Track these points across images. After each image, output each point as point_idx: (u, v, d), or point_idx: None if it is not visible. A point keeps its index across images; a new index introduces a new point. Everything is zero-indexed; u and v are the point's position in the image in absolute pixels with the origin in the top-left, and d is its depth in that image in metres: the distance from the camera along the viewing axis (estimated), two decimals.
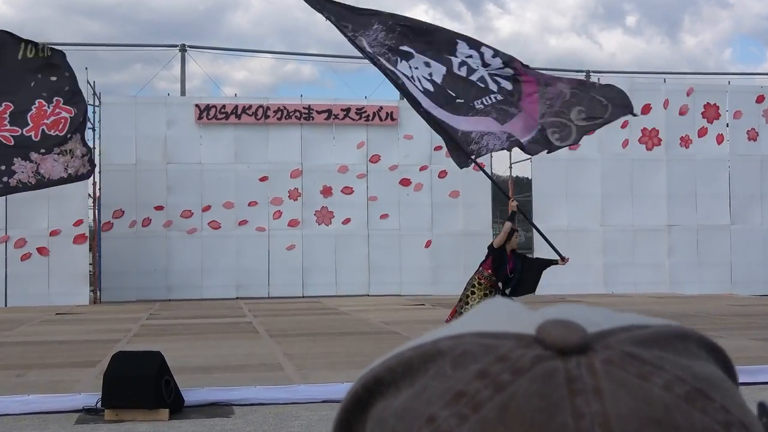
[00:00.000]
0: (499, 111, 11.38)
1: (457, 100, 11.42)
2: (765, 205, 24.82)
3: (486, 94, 11.39)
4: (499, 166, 28.53)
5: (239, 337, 12.49)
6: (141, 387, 6.73)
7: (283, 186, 23.43)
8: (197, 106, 23.33)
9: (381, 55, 11.16)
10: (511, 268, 11.11)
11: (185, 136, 23.19)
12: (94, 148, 22.79)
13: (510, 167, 25.53)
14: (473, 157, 11.39)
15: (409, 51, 11.33)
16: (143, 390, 6.73)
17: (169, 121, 23.13)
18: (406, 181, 23.91)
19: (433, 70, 11.35)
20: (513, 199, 12.15)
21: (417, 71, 11.28)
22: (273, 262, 23.30)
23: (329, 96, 25.99)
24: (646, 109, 23.75)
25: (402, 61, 11.27)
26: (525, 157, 19.79)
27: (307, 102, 23.90)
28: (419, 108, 11.34)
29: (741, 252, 24.33)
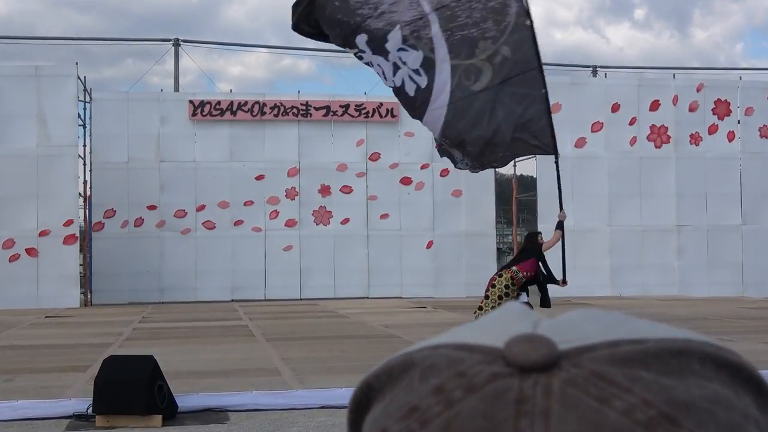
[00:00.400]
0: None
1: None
2: None
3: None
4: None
5: (235, 340, 12.44)
6: (133, 392, 6.72)
7: (280, 185, 23.08)
8: (191, 102, 23.07)
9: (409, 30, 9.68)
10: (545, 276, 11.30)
11: (179, 133, 22.92)
12: (84, 146, 22.32)
13: (514, 165, 24.98)
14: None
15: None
16: (135, 395, 6.72)
17: (162, 118, 22.83)
18: (406, 180, 23.57)
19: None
20: (563, 210, 12.08)
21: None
22: (269, 264, 22.99)
23: (327, 92, 25.63)
24: (655, 105, 23.66)
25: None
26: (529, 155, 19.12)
27: (304, 98, 23.59)
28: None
29: (753, 253, 24.03)
